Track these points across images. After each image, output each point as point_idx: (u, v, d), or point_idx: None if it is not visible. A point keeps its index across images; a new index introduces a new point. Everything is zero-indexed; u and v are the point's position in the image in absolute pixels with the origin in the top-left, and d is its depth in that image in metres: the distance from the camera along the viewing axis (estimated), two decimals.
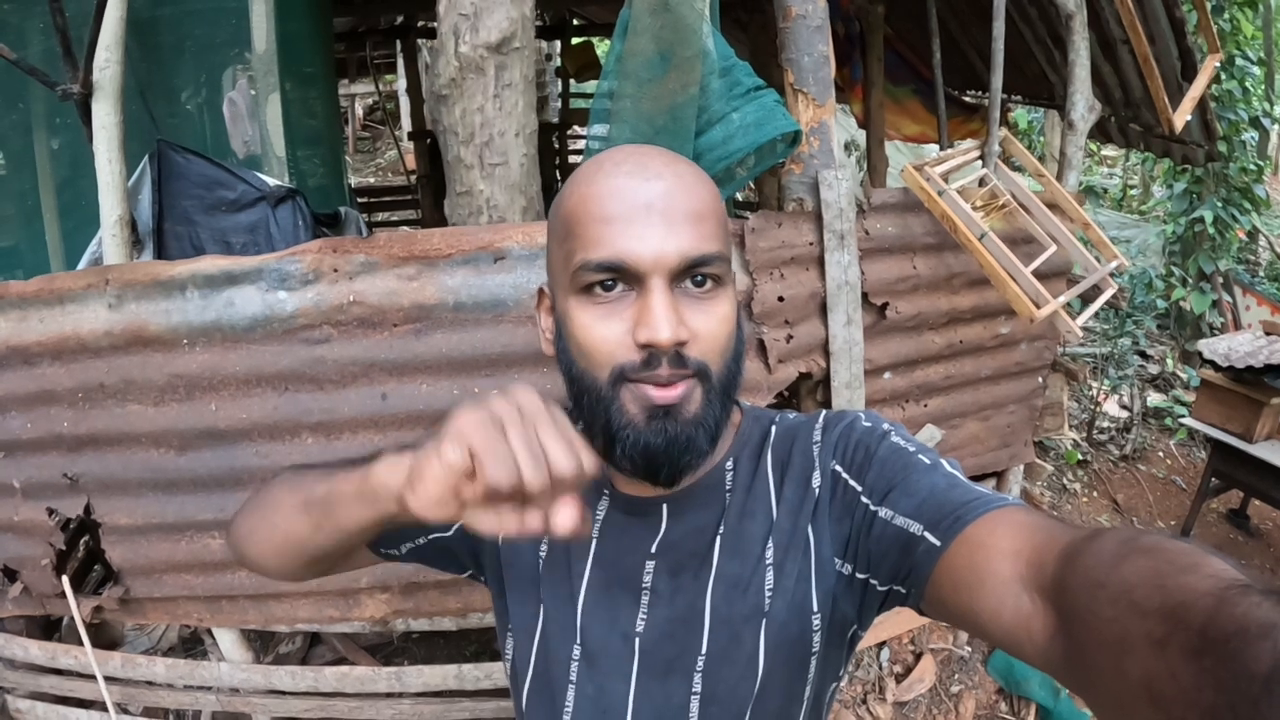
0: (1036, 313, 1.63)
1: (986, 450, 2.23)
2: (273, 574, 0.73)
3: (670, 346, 0.58)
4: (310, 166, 2.58)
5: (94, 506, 1.67)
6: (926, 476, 0.62)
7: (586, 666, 0.71)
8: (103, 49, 1.58)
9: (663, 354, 0.59)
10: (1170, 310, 5.60)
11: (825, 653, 0.69)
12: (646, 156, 0.63)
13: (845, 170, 1.69)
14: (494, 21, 1.48)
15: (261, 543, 0.70)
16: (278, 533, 0.68)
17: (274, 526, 0.68)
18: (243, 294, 1.52)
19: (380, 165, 9.40)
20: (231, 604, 1.78)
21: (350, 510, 0.59)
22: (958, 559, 0.55)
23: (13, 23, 2.01)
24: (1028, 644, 0.49)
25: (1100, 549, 0.44)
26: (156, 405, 1.59)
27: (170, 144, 1.88)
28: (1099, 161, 10.10)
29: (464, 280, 1.54)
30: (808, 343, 1.76)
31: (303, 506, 0.64)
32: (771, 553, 0.68)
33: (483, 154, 1.55)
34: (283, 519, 0.66)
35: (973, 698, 2.52)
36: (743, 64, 1.61)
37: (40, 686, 1.98)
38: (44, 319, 1.56)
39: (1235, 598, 0.34)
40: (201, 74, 2.22)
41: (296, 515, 0.65)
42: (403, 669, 1.90)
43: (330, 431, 1.61)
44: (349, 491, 0.58)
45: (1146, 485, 3.97)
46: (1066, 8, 2.07)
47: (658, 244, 0.59)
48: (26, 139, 2.10)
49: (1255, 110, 5.08)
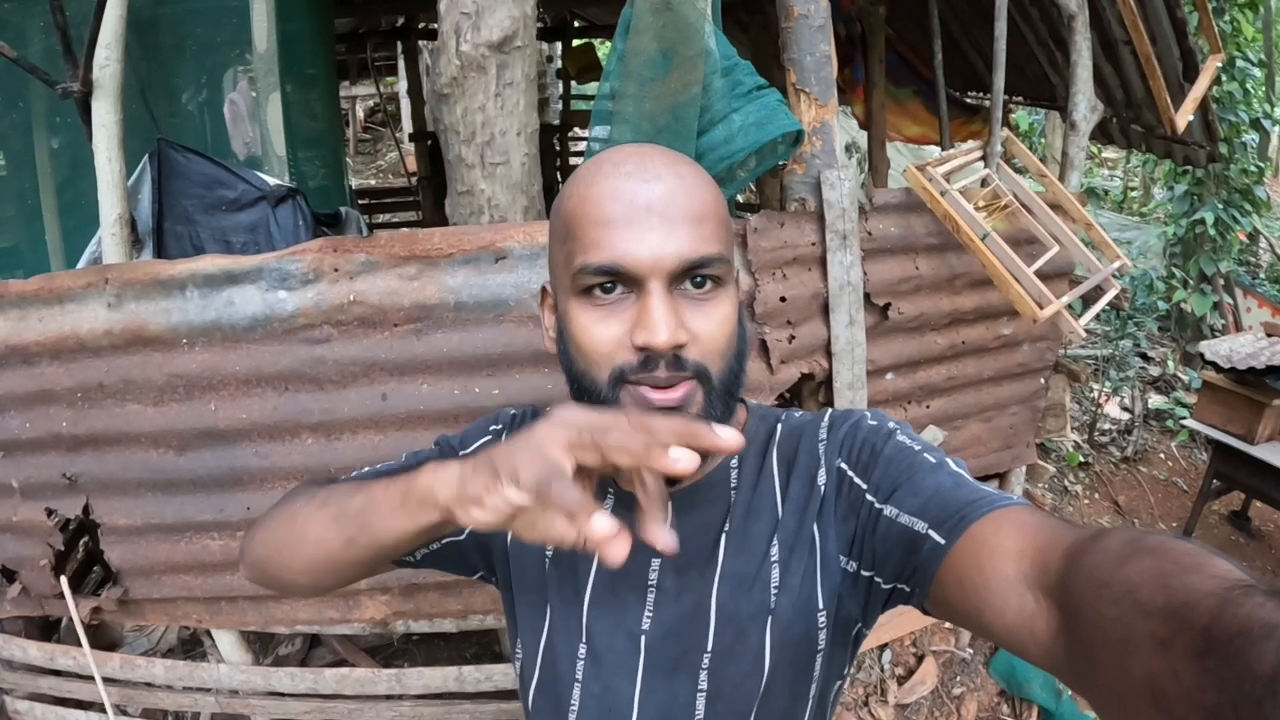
0: (1039, 313, 1.62)
1: (989, 451, 2.22)
2: (299, 590, 0.72)
3: (667, 349, 0.58)
4: (311, 168, 2.58)
5: (93, 507, 1.67)
6: (932, 475, 0.62)
7: (592, 665, 0.71)
8: (103, 47, 1.58)
9: (660, 356, 0.59)
10: (1171, 312, 5.60)
11: (830, 650, 0.69)
12: (647, 157, 0.62)
13: (848, 170, 1.69)
14: (495, 20, 1.48)
15: (289, 559, 0.69)
16: (307, 548, 0.67)
17: (303, 543, 0.67)
18: (243, 293, 1.52)
19: (381, 167, 9.40)
20: (230, 605, 1.77)
21: (389, 521, 0.59)
22: (962, 558, 0.55)
23: (13, 21, 2.01)
24: (1031, 643, 0.49)
25: (1105, 549, 0.44)
26: (156, 405, 1.58)
27: (170, 143, 1.87)
28: (1100, 164, 10.11)
29: (465, 280, 1.53)
30: (810, 343, 1.75)
31: (334, 521, 0.63)
32: (777, 551, 0.68)
33: (484, 153, 1.55)
34: (314, 535, 0.65)
35: (974, 700, 2.51)
36: (745, 63, 1.60)
37: (39, 687, 1.97)
38: (43, 318, 1.56)
39: (1239, 598, 0.34)
40: (202, 74, 2.22)
41: (328, 530, 0.64)
42: (403, 671, 1.89)
43: (330, 432, 1.60)
44: (389, 503, 0.58)
45: (1148, 487, 3.96)
46: (1068, 8, 2.07)
47: (656, 247, 0.59)
48: (26, 139, 2.10)
49: (1256, 112, 5.08)
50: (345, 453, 1.60)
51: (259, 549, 0.73)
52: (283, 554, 0.69)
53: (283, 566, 0.70)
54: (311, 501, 0.67)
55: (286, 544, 0.69)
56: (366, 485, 0.62)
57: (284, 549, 0.69)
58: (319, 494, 0.68)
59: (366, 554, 0.63)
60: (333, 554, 0.65)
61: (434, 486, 0.54)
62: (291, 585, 0.72)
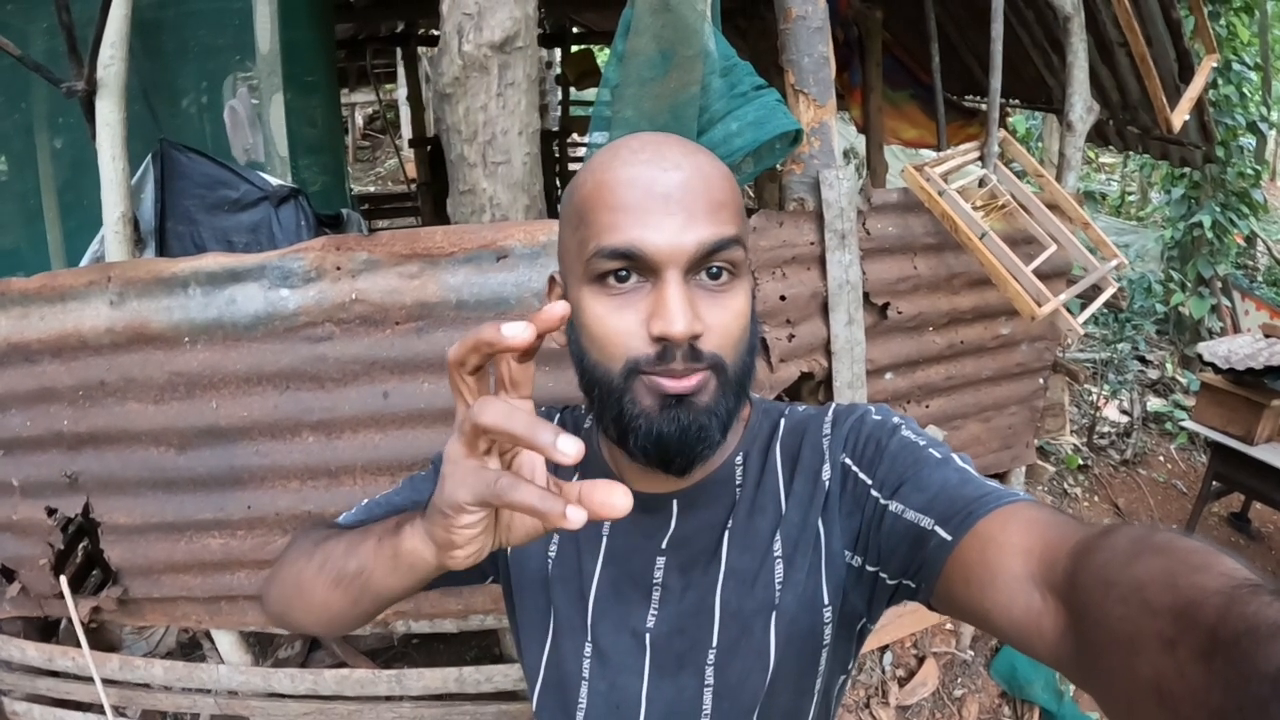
0: (1038, 311, 1.63)
1: (988, 452, 2.23)
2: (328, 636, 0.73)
3: (685, 340, 0.57)
4: (312, 174, 2.58)
5: (93, 505, 1.67)
6: (938, 471, 0.62)
7: (598, 663, 0.71)
8: (107, 46, 1.59)
9: (677, 347, 0.58)
10: (1169, 315, 5.61)
11: (835, 645, 0.69)
12: (664, 145, 0.61)
13: (846, 171, 1.70)
14: (497, 20, 1.49)
15: (302, 617, 0.70)
16: (315, 610, 0.67)
17: (311, 605, 0.67)
18: (245, 291, 1.52)
19: (380, 174, 9.42)
20: (230, 605, 1.77)
21: (388, 581, 0.59)
22: (969, 554, 0.55)
23: (16, 23, 2.02)
24: (1038, 641, 0.48)
25: (1112, 546, 0.43)
26: (157, 403, 1.58)
27: (173, 143, 1.88)
28: (1097, 168, 10.15)
29: (466, 278, 1.54)
30: (809, 342, 1.76)
31: (335, 585, 0.63)
32: (780, 546, 0.68)
33: (486, 152, 1.56)
34: (320, 599, 0.65)
35: (976, 701, 2.51)
36: (744, 64, 1.61)
37: (37, 688, 1.96)
38: (45, 316, 1.56)
39: (1246, 597, 0.33)
40: (204, 77, 2.23)
41: (332, 594, 0.64)
42: (403, 672, 1.89)
43: (331, 430, 1.60)
44: (382, 567, 0.58)
45: (1147, 490, 3.97)
46: (1064, 10, 2.09)
47: (674, 235, 0.57)
48: (28, 140, 2.11)
49: (1252, 115, 5.10)
50: (346, 451, 1.61)
51: (275, 604, 0.73)
52: (295, 611, 0.70)
53: (299, 622, 0.71)
54: (310, 563, 0.67)
55: (296, 604, 0.69)
56: (359, 545, 0.61)
57: (295, 608, 0.69)
58: (316, 554, 0.66)
59: (377, 606, 0.63)
60: (343, 612, 0.65)
61: (417, 550, 0.54)
62: (314, 632, 0.74)
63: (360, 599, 0.62)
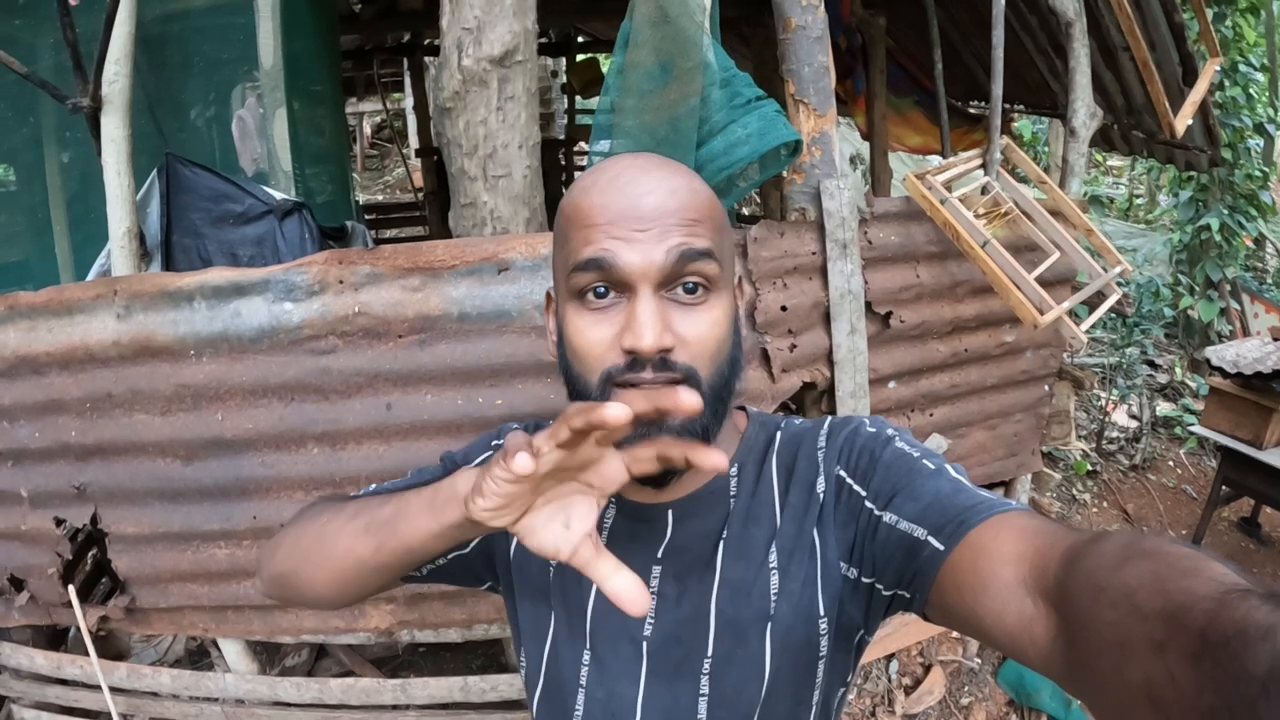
0: (1040, 319, 1.63)
1: (993, 459, 2.22)
2: (319, 602, 0.74)
3: (653, 353, 0.59)
4: (318, 184, 2.60)
5: (101, 515, 1.68)
6: (931, 481, 0.62)
7: (596, 670, 0.72)
8: (112, 63, 1.61)
9: (647, 359, 0.60)
10: (1178, 319, 5.58)
11: (833, 656, 0.69)
12: (644, 165, 0.64)
13: (847, 180, 1.70)
14: (496, 35, 1.50)
15: (315, 571, 0.71)
16: (336, 559, 0.69)
17: (333, 553, 0.69)
18: (249, 305, 1.54)
19: (389, 183, 9.47)
20: (237, 614, 1.78)
21: (416, 521, 0.61)
22: (961, 563, 0.55)
23: (23, 38, 2.04)
24: (1030, 648, 0.49)
25: (1102, 552, 0.44)
26: (163, 415, 1.60)
27: (178, 158, 1.90)
28: (1105, 172, 10.11)
29: (468, 291, 1.55)
30: (812, 352, 1.76)
31: (365, 530, 0.66)
32: (775, 557, 0.68)
33: (486, 166, 1.57)
34: (344, 545, 0.68)
35: (983, 710, 2.49)
36: (743, 75, 1.62)
37: (45, 696, 1.98)
38: (53, 329, 1.58)
39: (1235, 601, 0.34)
40: (210, 91, 2.25)
41: (358, 539, 0.66)
42: (408, 681, 1.89)
43: (335, 442, 1.61)
44: (419, 504, 0.61)
45: (1157, 495, 3.94)
46: (1066, 15, 2.08)
47: (646, 251, 0.60)
48: (37, 154, 2.13)
49: (1260, 117, 5.08)
50: (350, 462, 1.62)
51: (283, 562, 0.74)
52: (309, 564, 0.71)
53: (308, 578, 0.72)
54: (340, 514, 0.70)
55: (314, 555, 0.71)
56: (397, 496, 0.65)
57: (310, 560, 0.71)
58: (347, 507, 0.70)
59: (393, 559, 0.65)
60: (361, 561, 0.67)
61: (456, 483, 0.59)
62: (314, 597, 0.74)
63: (385, 543, 0.64)
